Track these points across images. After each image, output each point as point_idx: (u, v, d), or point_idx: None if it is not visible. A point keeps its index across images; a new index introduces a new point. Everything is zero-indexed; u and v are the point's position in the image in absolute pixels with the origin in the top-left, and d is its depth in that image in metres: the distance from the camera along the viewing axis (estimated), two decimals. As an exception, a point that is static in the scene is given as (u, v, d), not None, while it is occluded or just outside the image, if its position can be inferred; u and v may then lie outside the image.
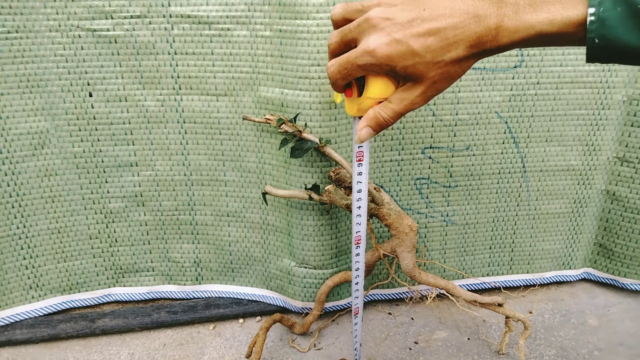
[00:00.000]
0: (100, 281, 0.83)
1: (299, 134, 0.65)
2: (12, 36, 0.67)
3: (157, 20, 0.69)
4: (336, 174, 0.66)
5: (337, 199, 0.66)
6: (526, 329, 0.67)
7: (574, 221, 0.87)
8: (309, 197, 0.67)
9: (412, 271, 0.66)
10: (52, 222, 0.78)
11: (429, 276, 0.67)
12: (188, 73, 0.72)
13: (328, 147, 0.64)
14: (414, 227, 0.65)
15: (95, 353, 0.76)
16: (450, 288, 0.66)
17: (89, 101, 0.73)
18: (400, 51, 0.40)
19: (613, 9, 0.35)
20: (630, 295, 0.89)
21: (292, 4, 0.65)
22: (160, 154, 0.77)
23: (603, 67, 0.77)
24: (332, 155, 0.65)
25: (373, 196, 0.64)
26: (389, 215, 0.65)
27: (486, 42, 0.39)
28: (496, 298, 0.66)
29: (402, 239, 0.65)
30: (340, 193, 0.66)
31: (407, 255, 0.66)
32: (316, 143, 0.64)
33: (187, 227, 0.82)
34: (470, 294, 0.65)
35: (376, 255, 0.68)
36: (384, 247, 0.67)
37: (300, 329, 0.74)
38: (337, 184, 0.66)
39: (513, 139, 0.80)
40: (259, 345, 0.67)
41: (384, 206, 0.65)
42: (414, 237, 0.65)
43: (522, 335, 0.67)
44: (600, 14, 0.35)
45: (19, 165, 0.73)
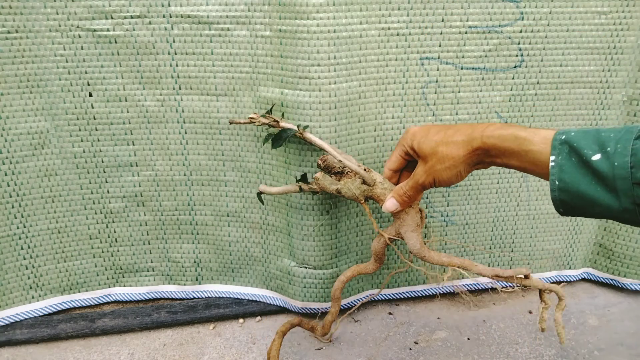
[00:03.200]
0: (100, 281, 0.83)
1: (275, 124, 0.64)
2: (12, 36, 0.67)
3: (157, 20, 0.69)
4: (324, 160, 0.64)
5: (326, 185, 0.64)
6: (561, 299, 0.61)
7: (574, 221, 0.87)
8: (300, 188, 0.66)
9: (421, 251, 0.61)
10: (52, 222, 0.78)
11: (441, 255, 0.61)
12: (188, 73, 0.72)
13: (307, 133, 0.63)
14: (414, 204, 0.61)
15: (95, 353, 0.76)
16: (467, 265, 0.60)
17: (89, 101, 0.73)
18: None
19: (568, 158, 0.43)
20: (630, 295, 0.89)
21: (292, 4, 0.65)
22: (160, 154, 0.77)
23: (603, 67, 0.77)
24: (313, 141, 0.63)
25: (363, 178, 0.62)
26: (384, 194, 0.62)
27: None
28: (520, 270, 0.59)
29: (403, 219, 0.62)
30: (329, 179, 0.64)
31: (412, 235, 0.62)
32: (294, 130, 0.62)
33: (187, 227, 0.82)
34: (490, 268, 0.59)
35: (382, 241, 0.64)
36: (388, 231, 0.64)
37: (322, 331, 0.73)
38: (326, 170, 0.65)
39: (513, 139, 0.80)
40: (275, 350, 0.66)
41: (377, 186, 0.62)
42: (416, 215, 0.62)
43: (557, 308, 0.60)
44: (559, 161, 0.43)
45: (19, 165, 0.73)
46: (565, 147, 0.43)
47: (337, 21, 0.66)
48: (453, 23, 0.71)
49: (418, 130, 0.57)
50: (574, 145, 0.43)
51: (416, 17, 0.70)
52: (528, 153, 0.46)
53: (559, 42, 0.75)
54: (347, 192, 0.63)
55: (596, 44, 0.75)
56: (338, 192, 0.64)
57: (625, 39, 0.75)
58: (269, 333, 0.80)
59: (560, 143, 0.44)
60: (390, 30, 0.70)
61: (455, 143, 0.52)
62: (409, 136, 0.58)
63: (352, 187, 0.63)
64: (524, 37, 0.74)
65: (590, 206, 0.42)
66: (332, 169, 0.64)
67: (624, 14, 0.74)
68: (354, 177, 0.63)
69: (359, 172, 0.61)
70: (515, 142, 0.47)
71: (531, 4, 0.72)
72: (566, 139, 0.43)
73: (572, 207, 0.44)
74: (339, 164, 0.63)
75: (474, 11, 0.71)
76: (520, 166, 0.48)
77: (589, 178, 0.42)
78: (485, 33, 0.73)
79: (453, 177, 0.53)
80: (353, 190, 0.63)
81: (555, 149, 0.44)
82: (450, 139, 0.52)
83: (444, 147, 0.52)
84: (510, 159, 0.49)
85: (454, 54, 0.73)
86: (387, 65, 0.72)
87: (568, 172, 0.43)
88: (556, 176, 0.43)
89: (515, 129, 0.48)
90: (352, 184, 0.63)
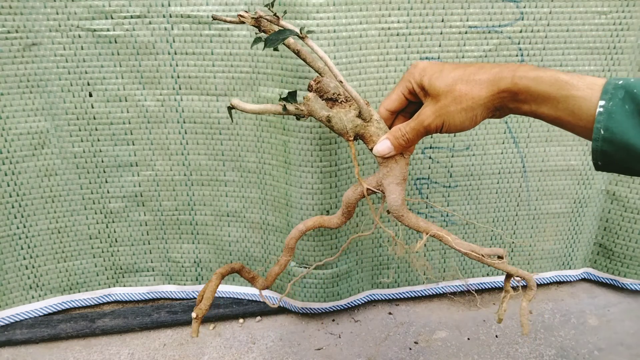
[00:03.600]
0: (100, 281, 0.83)
1: (275, 21, 0.52)
2: (12, 36, 0.67)
3: (157, 20, 0.69)
4: (317, 82, 0.56)
5: (316, 109, 0.55)
6: (530, 288, 0.56)
7: (574, 221, 0.87)
8: (283, 107, 0.55)
9: (400, 209, 0.54)
10: (52, 222, 0.78)
11: (419, 219, 0.54)
12: (188, 73, 0.72)
13: (310, 40, 0.51)
14: (406, 154, 0.54)
15: (95, 353, 0.76)
16: (443, 235, 0.54)
17: (89, 101, 0.73)
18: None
19: (621, 105, 0.37)
20: (630, 295, 0.89)
21: (292, 4, 0.65)
22: (160, 154, 0.77)
23: (603, 67, 0.77)
24: (314, 49, 0.51)
25: (360, 109, 0.53)
26: (377, 135, 0.53)
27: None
28: (497, 250, 0.54)
29: (390, 168, 0.53)
30: (321, 103, 0.55)
31: (396, 188, 0.54)
32: (295, 32, 0.51)
33: (187, 227, 0.82)
34: (466, 244, 0.54)
35: (359, 191, 0.56)
36: (369, 181, 0.55)
37: (264, 283, 0.62)
38: (318, 94, 0.56)
39: (513, 139, 0.80)
40: (210, 291, 0.56)
41: (372, 123, 0.54)
42: (404, 167, 0.54)
43: (525, 296, 0.56)
44: (609, 107, 0.38)
45: (19, 165, 0.73)
46: (621, 92, 0.38)
47: (337, 21, 0.66)
48: (453, 23, 0.71)
49: (429, 65, 0.49)
50: (633, 91, 0.37)
51: (416, 17, 0.70)
52: (568, 99, 0.40)
53: (559, 42, 0.75)
54: (337, 123, 0.54)
55: (596, 44, 0.75)
56: (328, 120, 0.55)
57: (625, 39, 0.75)
58: (269, 333, 0.80)
59: (615, 87, 0.38)
60: (390, 30, 0.70)
61: (477, 82, 0.44)
62: (417, 71, 0.49)
63: (345, 119, 0.54)
64: (524, 37, 0.74)
65: (636, 161, 0.38)
66: (325, 93, 0.56)
67: (624, 14, 0.74)
68: (348, 108, 0.55)
69: (357, 100, 0.52)
70: (554, 85, 0.41)
71: (531, 4, 0.72)
72: (624, 83, 0.38)
73: (613, 161, 0.39)
74: (336, 88, 0.55)
75: (474, 11, 0.71)
76: (553, 115, 0.42)
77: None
78: (485, 33, 0.73)
79: (467, 121, 0.46)
80: (345, 123, 0.54)
81: (607, 93, 0.38)
82: (472, 77, 0.45)
83: (463, 85, 0.45)
84: (542, 105, 0.42)
85: (454, 54, 0.73)
86: (387, 65, 0.72)
87: (618, 120, 0.38)
88: (602, 124, 0.38)
89: (554, 71, 0.42)
90: (345, 114, 0.54)
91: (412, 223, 0.54)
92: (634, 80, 0.38)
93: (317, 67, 0.56)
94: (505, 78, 0.43)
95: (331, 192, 0.75)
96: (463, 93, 0.45)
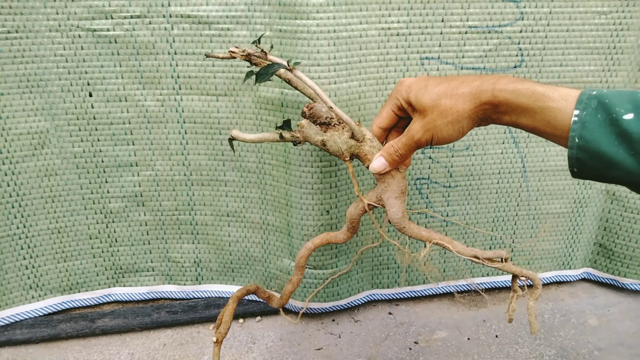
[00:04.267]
0: (100, 281, 0.83)
1: (263, 57, 0.56)
2: (12, 36, 0.67)
3: (157, 20, 0.69)
4: (310, 108, 0.58)
5: (311, 135, 0.57)
6: (536, 287, 0.57)
7: (574, 221, 0.87)
8: (280, 135, 0.58)
9: (401, 221, 0.56)
10: (52, 222, 0.78)
11: (420, 229, 0.57)
12: (188, 73, 0.72)
13: (298, 71, 0.53)
14: (402, 168, 0.56)
15: (95, 353, 0.76)
16: (446, 242, 0.56)
17: (89, 101, 0.73)
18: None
19: (594, 114, 0.39)
20: (630, 295, 0.89)
21: (292, 4, 0.65)
22: (160, 154, 0.77)
23: (603, 67, 0.77)
24: (303, 80, 0.54)
25: (353, 131, 0.55)
26: (372, 153, 0.56)
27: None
28: (500, 252, 0.55)
29: (388, 183, 0.56)
30: (315, 128, 0.58)
31: (395, 202, 0.56)
32: (283, 65, 0.54)
33: (187, 227, 0.82)
34: (469, 249, 0.55)
35: (360, 207, 0.58)
36: (369, 197, 0.58)
37: (280, 302, 0.65)
38: (312, 119, 0.59)
39: (513, 139, 0.80)
40: (228, 315, 0.59)
41: (366, 143, 0.56)
42: (402, 181, 0.56)
43: (531, 296, 0.57)
44: (583, 116, 0.40)
45: (19, 165, 0.73)
46: (594, 102, 0.40)
47: (337, 21, 0.66)
48: (453, 23, 0.71)
49: (414, 81, 0.51)
50: (605, 101, 0.39)
51: (416, 17, 0.70)
52: (544, 110, 0.42)
53: (559, 42, 0.75)
54: (332, 146, 0.57)
55: (596, 44, 0.75)
56: (323, 144, 0.57)
57: (625, 39, 0.75)
58: (269, 333, 0.80)
59: (589, 98, 0.40)
60: (390, 30, 0.70)
61: (460, 95, 0.47)
62: (403, 88, 0.51)
63: (339, 141, 0.56)
64: (524, 37, 0.74)
65: (607, 168, 0.40)
66: (318, 118, 0.58)
67: (624, 14, 0.74)
68: (341, 130, 0.57)
69: (349, 123, 0.55)
70: (531, 97, 0.43)
71: (531, 4, 0.72)
72: (597, 94, 0.40)
73: (588, 168, 0.41)
74: (328, 112, 0.57)
75: (474, 11, 0.71)
76: (531, 125, 0.44)
77: (612, 138, 0.39)
78: (485, 33, 0.73)
79: (454, 133, 0.48)
80: (339, 145, 0.56)
81: (582, 104, 0.40)
82: (455, 91, 0.47)
83: (447, 100, 0.47)
84: (521, 116, 0.44)
85: (454, 54, 0.73)
86: (387, 65, 0.72)
87: (590, 129, 0.39)
88: (577, 133, 0.40)
89: (531, 83, 0.44)
90: (339, 137, 0.57)
91: (415, 233, 0.56)
92: (606, 91, 0.40)
93: (309, 94, 0.59)
94: (486, 91, 0.45)
95: (331, 192, 0.75)
96: (448, 107, 0.47)
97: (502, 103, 0.45)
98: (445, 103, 0.47)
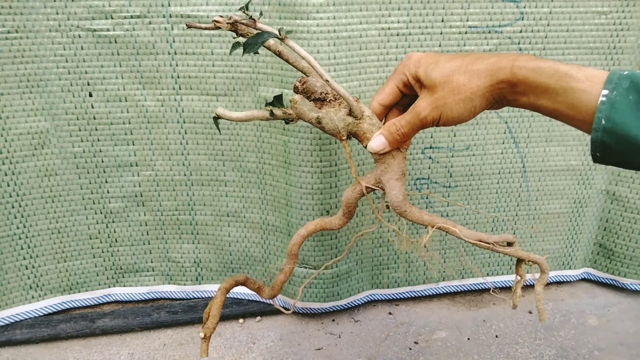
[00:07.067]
0: (100, 281, 0.83)
1: (252, 24, 0.50)
2: (12, 36, 0.67)
3: (157, 20, 0.69)
4: (303, 83, 0.54)
5: (304, 111, 0.53)
6: (543, 272, 0.54)
7: (574, 221, 0.87)
8: (270, 112, 0.53)
9: (402, 205, 0.52)
10: (52, 222, 0.78)
11: (422, 213, 0.53)
12: (188, 73, 0.72)
13: (290, 41, 0.48)
14: (403, 148, 0.52)
15: (95, 353, 0.76)
16: (449, 227, 0.53)
17: (89, 101, 0.73)
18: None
19: (625, 95, 0.36)
20: (630, 295, 0.89)
21: (292, 4, 0.65)
22: (160, 154, 0.77)
23: (603, 67, 0.77)
24: (296, 50, 0.48)
25: (350, 107, 0.51)
26: (371, 132, 0.51)
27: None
28: (506, 236, 0.53)
29: (388, 164, 0.52)
30: (309, 104, 0.53)
31: (396, 184, 0.52)
32: (274, 34, 0.49)
33: (187, 227, 0.82)
34: (473, 232, 0.52)
35: (358, 190, 0.54)
36: (367, 179, 0.53)
37: (271, 293, 0.60)
38: (305, 95, 0.54)
39: (513, 139, 0.80)
40: (216, 308, 0.55)
41: (364, 120, 0.51)
42: (402, 161, 0.53)
43: (539, 281, 0.54)
44: (612, 97, 0.36)
45: (19, 165, 0.73)
46: (626, 82, 0.36)
47: (337, 21, 0.66)
48: (453, 23, 0.71)
49: (424, 56, 0.47)
50: (639, 81, 0.36)
51: (416, 17, 0.70)
52: (567, 91, 0.39)
53: (559, 42, 0.75)
54: (328, 123, 0.52)
55: (596, 44, 0.75)
56: (318, 121, 0.53)
57: (625, 39, 0.75)
58: (269, 333, 0.80)
59: (620, 77, 0.37)
60: (390, 30, 0.70)
61: (475, 72, 0.43)
62: (412, 62, 0.47)
63: (335, 118, 0.52)
64: (524, 37, 0.74)
65: (635, 153, 0.36)
66: (312, 94, 0.54)
67: (624, 14, 0.74)
68: (338, 107, 0.53)
69: (347, 98, 0.50)
70: (554, 77, 0.39)
71: (531, 4, 0.72)
72: (630, 74, 0.37)
73: (613, 152, 0.38)
74: (323, 87, 0.53)
75: (474, 11, 0.71)
76: (551, 107, 0.40)
77: None
78: (485, 33, 0.73)
79: (465, 112, 0.44)
80: (336, 122, 0.52)
81: (611, 83, 0.37)
82: (470, 67, 0.43)
83: (460, 76, 0.43)
84: (540, 97, 0.41)
85: (454, 54, 0.73)
86: (387, 65, 0.72)
87: (621, 110, 0.36)
88: (604, 114, 0.37)
89: (553, 62, 0.40)
90: (335, 114, 0.52)
91: (416, 217, 0.52)
92: (639, 72, 0.37)
93: (302, 67, 0.54)
94: (504, 68, 0.42)
95: (331, 192, 0.75)
96: (461, 84, 0.43)
97: (520, 82, 0.41)
98: (458, 79, 0.44)
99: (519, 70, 0.41)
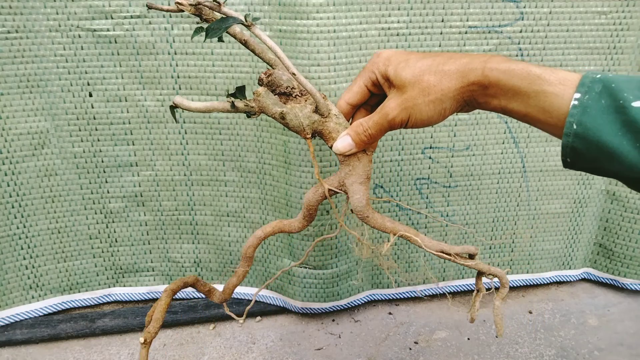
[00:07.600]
0: (100, 281, 0.83)
1: (216, 7, 0.47)
2: (12, 36, 0.67)
3: (157, 20, 0.69)
4: (268, 75, 0.51)
5: (268, 105, 0.49)
6: (503, 286, 0.53)
7: (574, 221, 0.87)
8: (232, 104, 0.49)
9: (364, 210, 0.50)
10: (52, 222, 0.78)
11: (385, 219, 0.51)
12: (188, 73, 0.72)
13: (257, 28, 0.45)
14: (369, 151, 0.50)
15: (95, 353, 0.76)
16: (411, 236, 0.50)
17: (89, 101, 0.73)
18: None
19: (598, 99, 0.35)
20: (630, 295, 0.89)
21: (292, 4, 0.65)
22: (160, 154, 0.77)
23: (603, 67, 0.77)
24: (262, 39, 0.45)
25: (317, 103, 0.48)
26: (337, 131, 0.49)
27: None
28: (468, 247, 0.51)
29: (353, 166, 0.50)
30: (273, 98, 0.50)
31: (359, 188, 0.50)
32: (239, 20, 0.46)
33: (187, 227, 0.82)
34: (436, 243, 0.50)
35: (320, 192, 0.51)
36: (330, 181, 0.51)
37: (222, 296, 0.58)
38: (270, 88, 0.51)
39: (513, 139, 0.80)
40: (160, 311, 0.52)
41: (331, 119, 0.49)
42: (367, 165, 0.50)
43: (497, 295, 0.52)
44: (584, 101, 0.35)
45: (19, 165, 0.73)
46: (598, 85, 0.35)
47: (337, 21, 0.66)
48: (453, 23, 0.71)
49: (394, 54, 0.45)
50: (611, 85, 0.35)
51: (416, 17, 0.70)
52: (539, 95, 0.37)
53: (559, 42, 0.75)
54: (292, 120, 0.50)
55: (596, 44, 0.75)
56: (282, 116, 0.50)
57: (625, 39, 0.75)
58: (269, 333, 0.80)
59: (592, 81, 0.35)
60: (390, 30, 0.70)
61: (446, 72, 0.41)
62: (381, 60, 0.45)
63: (300, 115, 0.49)
64: (524, 37, 0.74)
65: (606, 160, 0.35)
66: (277, 87, 0.51)
67: (624, 14, 0.74)
68: (304, 103, 0.50)
69: (314, 94, 0.48)
70: (525, 79, 0.38)
71: (531, 4, 0.72)
72: (602, 78, 0.35)
73: (584, 158, 0.36)
74: (289, 81, 0.50)
75: (474, 11, 0.71)
76: (523, 112, 0.39)
77: (616, 127, 0.34)
78: (485, 33, 0.73)
79: (435, 115, 0.43)
80: (300, 119, 0.49)
81: (584, 87, 0.35)
82: (441, 67, 0.42)
83: (431, 76, 0.42)
84: (512, 101, 0.39)
85: (454, 54, 0.73)
86: (387, 65, 0.72)
87: (592, 115, 0.35)
88: (575, 118, 0.35)
89: (526, 64, 0.39)
90: (300, 110, 0.49)
91: (378, 224, 0.51)
92: (613, 75, 0.36)
93: (268, 59, 0.52)
94: (476, 69, 0.40)
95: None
96: (431, 84, 0.42)
97: (492, 84, 0.40)
98: (428, 79, 0.42)
99: (490, 72, 0.39)
